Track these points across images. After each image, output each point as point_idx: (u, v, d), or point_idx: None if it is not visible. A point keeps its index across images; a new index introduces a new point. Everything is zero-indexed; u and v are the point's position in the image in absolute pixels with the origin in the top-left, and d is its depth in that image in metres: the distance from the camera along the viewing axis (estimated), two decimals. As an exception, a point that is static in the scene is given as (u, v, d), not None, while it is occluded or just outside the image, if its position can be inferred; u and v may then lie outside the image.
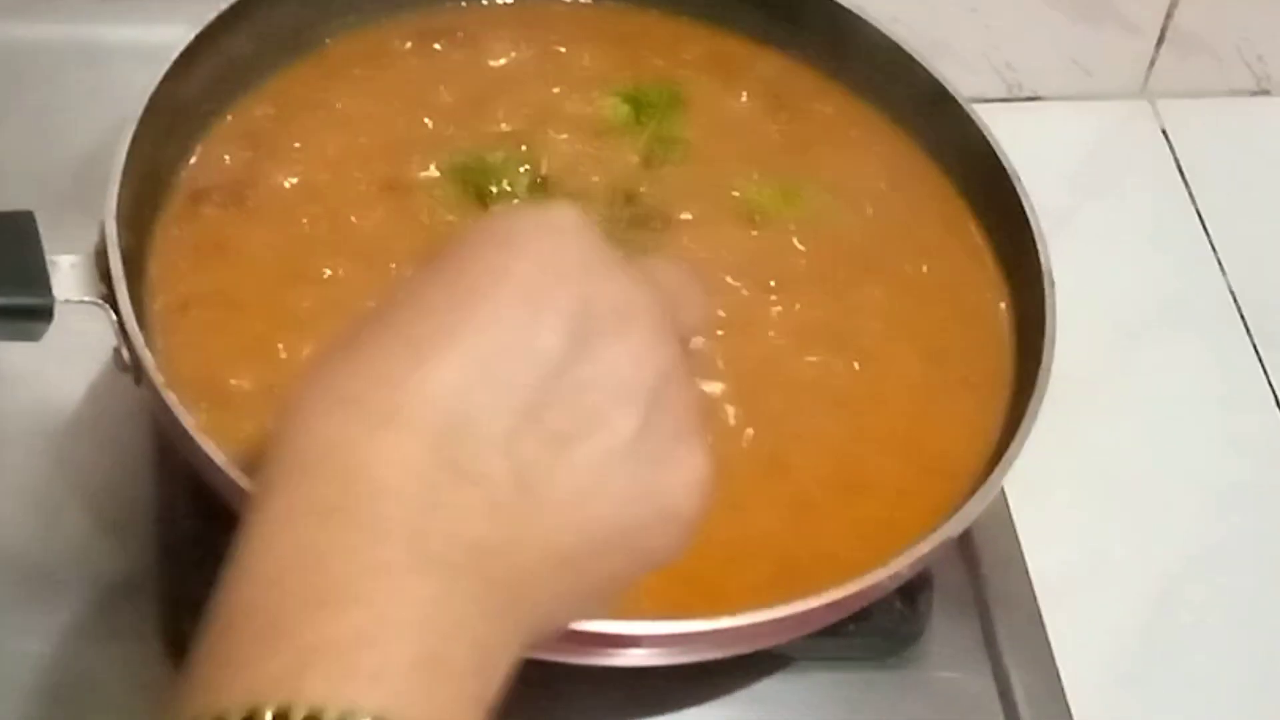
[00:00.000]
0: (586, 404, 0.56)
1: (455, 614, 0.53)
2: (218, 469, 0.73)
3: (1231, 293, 1.05)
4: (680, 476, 0.59)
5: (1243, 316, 1.04)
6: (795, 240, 0.86)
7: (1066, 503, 0.93)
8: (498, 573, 0.55)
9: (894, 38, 0.89)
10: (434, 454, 0.54)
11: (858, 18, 0.90)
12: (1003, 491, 0.86)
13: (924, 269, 0.86)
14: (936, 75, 0.88)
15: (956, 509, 0.77)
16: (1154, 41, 1.12)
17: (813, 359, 0.82)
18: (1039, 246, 0.83)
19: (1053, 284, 0.82)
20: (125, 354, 0.76)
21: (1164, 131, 1.12)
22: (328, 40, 0.88)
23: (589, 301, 0.57)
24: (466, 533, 0.54)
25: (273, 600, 0.53)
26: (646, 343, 0.58)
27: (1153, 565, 0.92)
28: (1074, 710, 0.84)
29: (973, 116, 0.87)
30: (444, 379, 0.55)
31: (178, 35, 0.83)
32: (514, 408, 0.55)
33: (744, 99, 0.90)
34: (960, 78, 0.91)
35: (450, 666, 0.53)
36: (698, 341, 0.79)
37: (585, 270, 0.57)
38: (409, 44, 0.89)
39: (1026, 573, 0.86)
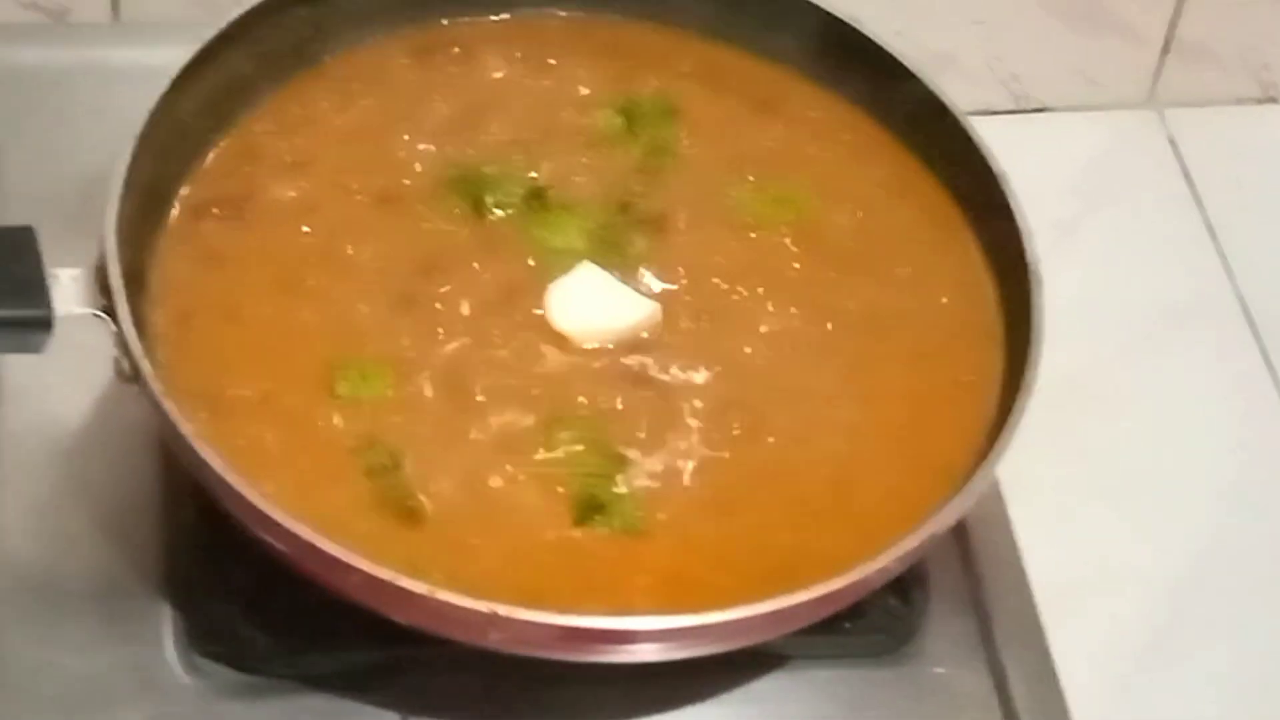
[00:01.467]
0: None
1: None
2: (217, 476, 0.74)
3: (1240, 299, 1.05)
4: None
5: (1251, 322, 1.04)
6: (788, 244, 0.87)
7: (1069, 505, 0.94)
8: None
9: (887, 47, 0.90)
10: None
11: (851, 28, 0.90)
12: (999, 490, 0.87)
13: (915, 271, 0.87)
14: (927, 82, 0.89)
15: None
16: (1159, 51, 1.13)
17: (806, 361, 0.83)
18: (1025, 244, 0.83)
19: (1040, 281, 0.82)
20: (125, 364, 0.77)
21: (1171, 140, 1.13)
22: (326, 57, 0.90)
23: None
24: None
25: None
26: None
27: (1155, 567, 0.93)
28: (1071, 707, 0.84)
29: (960, 120, 0.88)
30: None
31: (183, 57, 0.85)
32: None
33: (737, 108, 0.91)
34: (966, 90, 0.92)
35: None
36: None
37: None
38: (406, 59, 0.91)
39: (1023, 571, 0.87)
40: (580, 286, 0.83)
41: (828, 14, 0.91)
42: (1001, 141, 0.88)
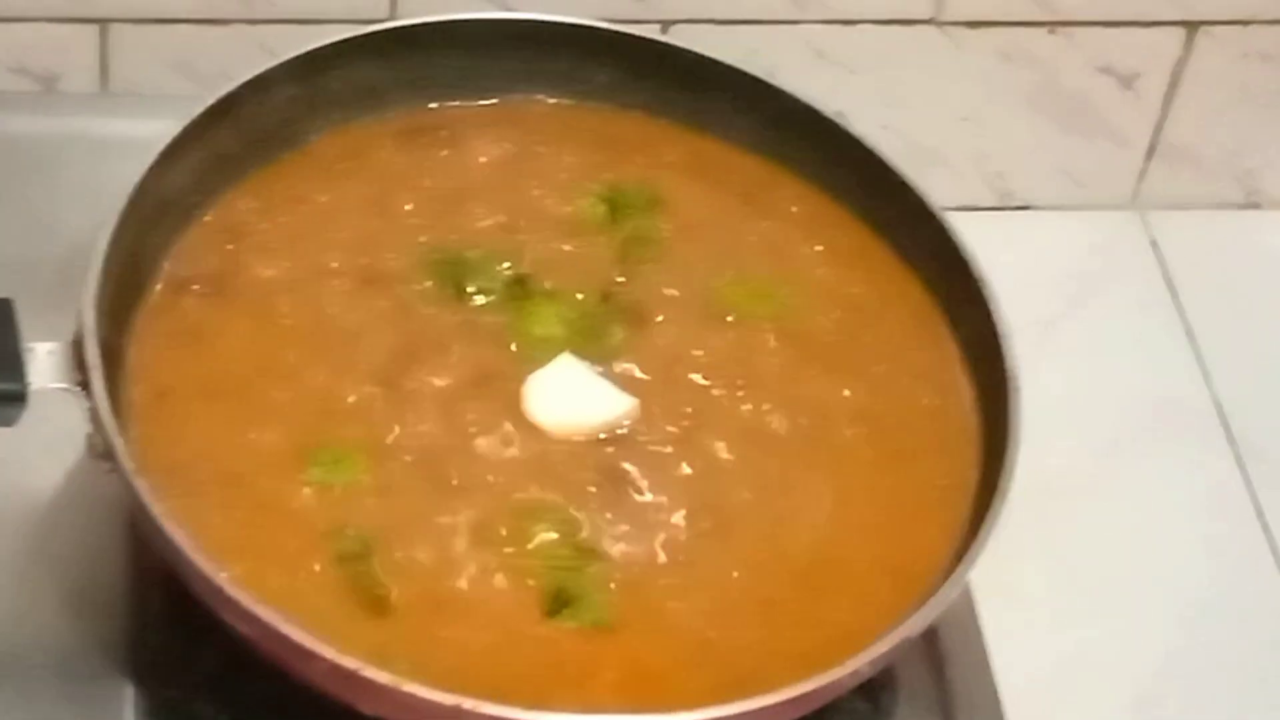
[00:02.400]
0: None
1: None
2: (184, 557, 0.74)
3: (1217, 403, 1.05)
4: None
5: (1227, 427, 1.04)
6: (768, 340, 0.87)
7: (1039, 606, 0.94)
8: None
9: (870, 145, 0.90)
10: None
11: (835, 124, 0.91)
12: (970, 595, 0.87)
13: (894, 371, 0.87)
14: (910, 181, 0.89)
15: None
16: (1144, 153, 1.13)
17: (781, 458, 0.83)
18: (1005, 350, 0.83)
19: (1018, 388, 0.82)
20: (98, 441, 0.77)
21: (1153, 242, 1.13)
22: (312, 137, 0.90)
23: None
24: None
25: None
26: None
27: (1125, 671, 0.93)
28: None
29: (943, 222, 0.88)
30: None
31: (170, 129, 0.85)
32: None
33: (720, 200, 0.91)
34: (950, 186, 0.92)
35: None
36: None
37: None
38: (392, 142, 0.91)
39: (991, 674, 0.86)
40: (559, 379, 0.83)
41: (813, 109, 0.92)
42: (984, 238, 0.88)
